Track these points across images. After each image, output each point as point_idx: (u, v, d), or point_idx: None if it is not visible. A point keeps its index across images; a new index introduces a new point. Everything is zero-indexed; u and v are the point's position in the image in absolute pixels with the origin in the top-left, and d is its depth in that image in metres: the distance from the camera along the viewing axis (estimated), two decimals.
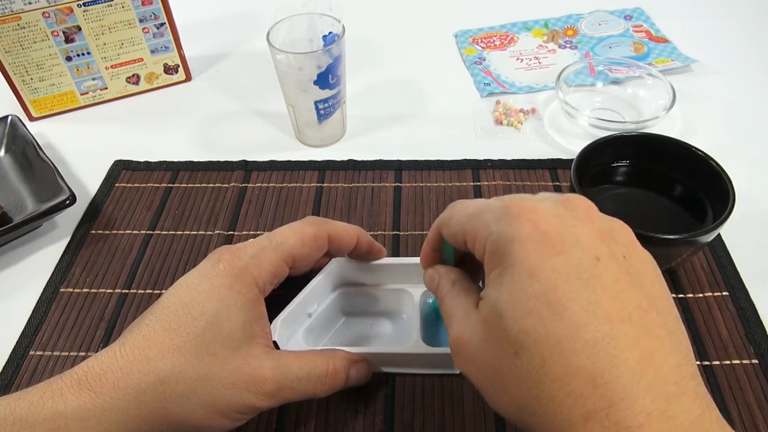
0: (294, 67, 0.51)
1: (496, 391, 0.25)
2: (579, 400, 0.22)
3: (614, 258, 0.24)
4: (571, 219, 0.25)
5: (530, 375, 0.23)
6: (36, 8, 0.56)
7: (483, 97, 0.63)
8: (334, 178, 0.54)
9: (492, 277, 0.25)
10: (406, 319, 0.42)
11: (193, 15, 0.77)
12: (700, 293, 0.43)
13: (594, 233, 0.25)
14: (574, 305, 0.23)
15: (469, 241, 0.28)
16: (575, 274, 0.23)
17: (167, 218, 0.51)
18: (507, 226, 0.25)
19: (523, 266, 0.24)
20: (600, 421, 0.21)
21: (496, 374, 0.24)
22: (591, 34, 0.72)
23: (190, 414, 0.30)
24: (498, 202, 0.27)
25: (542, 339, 0.22)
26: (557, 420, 0.22)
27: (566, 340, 0.22)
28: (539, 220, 0.24)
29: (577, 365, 0.22)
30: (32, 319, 0.44)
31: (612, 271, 0.24)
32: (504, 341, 0.24)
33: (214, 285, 0.33)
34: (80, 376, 0.30)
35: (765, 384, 0.38)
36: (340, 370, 0.34)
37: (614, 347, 0.22)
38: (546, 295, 0.23)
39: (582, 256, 0.24)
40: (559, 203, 0.26)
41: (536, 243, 0.24)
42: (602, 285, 0.23)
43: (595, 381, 0.22)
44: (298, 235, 0.35)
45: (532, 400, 0.23)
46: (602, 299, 0.23)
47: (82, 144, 0.60)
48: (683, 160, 0.45)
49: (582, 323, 0.22)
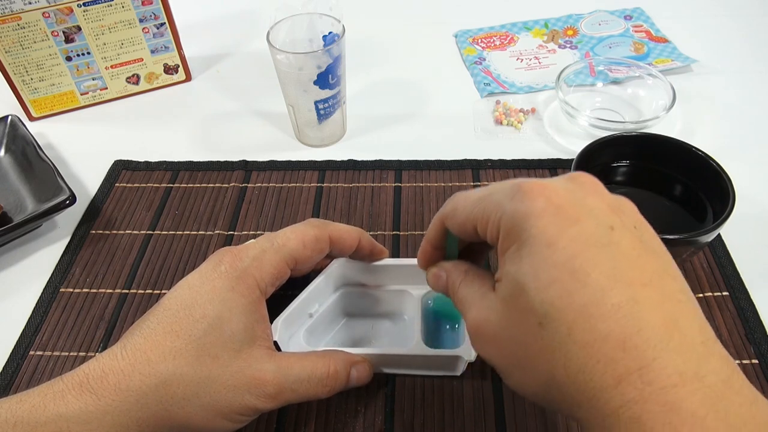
0: (294, 67, 0.51)
1: (521, 369, 0.25)
2: (609, 365, 0.21)
3: (626, 228, 0.24)
4: (581, 192, 0.25)
5: (557, 345, 0.23)
6: (36, 8, 0.56)
7: (483, 97, 0.63)
8: (334, 178, 0.54)
9: (509, 254, 0.25)
10: (407, 320, 0.42)
11: (193, 15, 0.77)
12: (700, 293, 0.43)
13: (604, 205, 0.25)
14: (595, 272, 0.23)
15: (480, 225, 0.27)
16: (593, 241, 0.23)
17: (167, 218, 0.51)
18: (520, 203, 0.25)
19: (542, 238, 0.24)
20: (632, 382, 0.21)
21: (519, 350, 0.24)
22: (591, 34, 0.72)
23: (192, 416, 0.30)
24: (507, 183, 0.27)
25: (567, 306, 0.22)
26: (587, 387, 0.22)
27: (591, 305, 0.22)
28: (551, 194, 0.25)
29: (604, 330, 0.22)
30: (32, 319, 0.44)
31: (627, 239, 0.24)
32: (527, 314, 0.24)
33: (215, 287, 0.33)
34: (81, 378, 0.30)
35: (765, 384, 0.38)
36: (341, 371, 0.34)
37: (640, 310, 0.22)
38: (567, 263, 0.23)
39: (597, 224, 0.24)
40: (567, 179, 0.26)
41: (552, 216, 0.24)
42: (620, 251, 0.23)
43: (624, 344, 0.21)
44: (300, 237, 0.35)
45: (560, 370, 0.23)
46: (622, 265, 0.23)
47: (82, 144, 0.60)
48: (683, 160, 0.45)
49: (606, 288, 0.22)
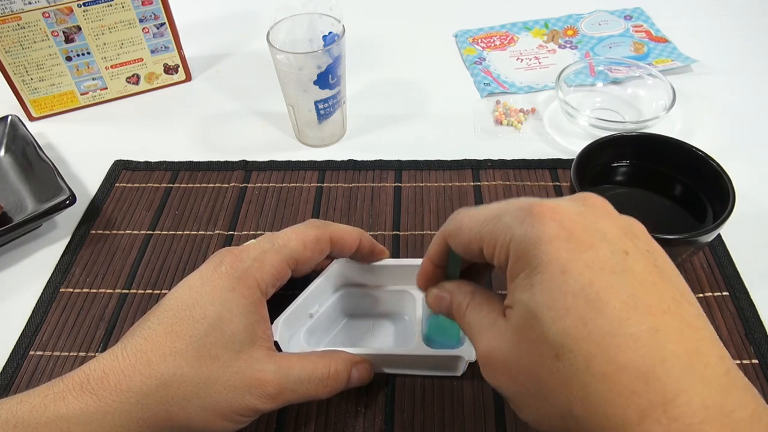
0: (294, 67, 0.51)
1: (535, 401, 0.24)
2: (632, 398, 0.20)
3: (640, 252, 0.24)
4: (592, 215, 0.25)
5: (575, 377, 0.21)
6: (36, 8, 0.56)
7: (483, 97, 0.63)
8: (334, 178, 0.54)
9: (519, 281, 0.24)
10: (407, 320, 0.42)
11: (193, 15, 0.77)
12: (700, 293, 0.43)
13: (617, 228, 0.24)
14: (613, 300, 0.22)
15: (486, 247, 0.26)
16: (608, 268, 0.23)
17: (167, 218, 0.51)
18: (531, 227, 0.24)
19: (555, 265, 0.23)
20: (657, 418, 0.20)
21: (534, 382, 0.23)
22: (591, 34, 0.72)
23: (192, 417, 0.30)
24: (516, 204, 0.26)
25: (584, 337, 0.21)
26: (609, 422, 0.21)
27: (610, 336, 0.21)
28: (563, 218, 0.24)
29: (624, 361, 0.21)
30: (32, 319, 0.44)
31: (642, 265, 0.23)
32: (542, 345, 0.23)
33: (216, 287, 0.33)
34: (82, 379, 0.30)
35: (765, 384, 0.38)
36: (342, 371, 0.34)
37: (660, 340, 0.21)
38: (583, 291, 0.22)
39: (612, 250, 0.23)
40: (577, 201, 0.26)
41: (564, 241, 0.23)
42: (636, 278, 0.23)
43: (646, 376, 0.20)
44: (301, 238, 0.35)
45: (578, 404, 0.21)
46: (639, 292, 0.22)
47: (82, 144, 0.60)
48: (683, 160, 0.45)
49: (624, 317, 0.21)
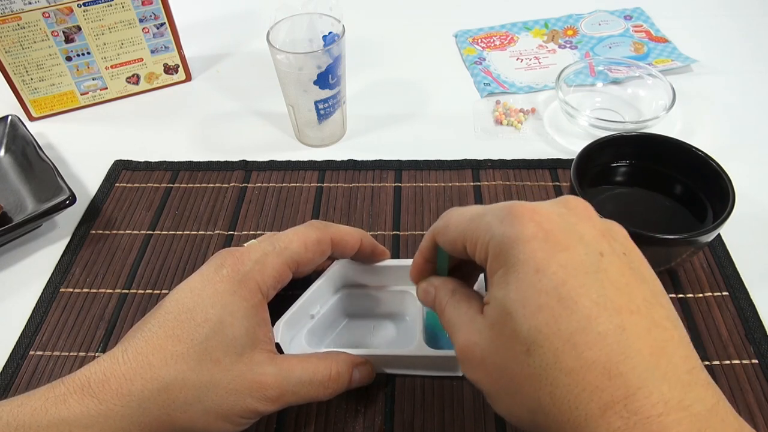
0: (294, 67, 0.51)
1: (508, 395, 0.25)
2: (595, 393, 0.21)
3: (616, 254, 0.24)
4: (572, 217, 0.25)
5: (544, 372, 0.23)
6: (36, 8, 0.56)
7: (483, 97, 0.63)
8: (334, 178, 0.54)
9: (496, 278, 0.25)
10: (408, 321, 0.42)
11: (193, 15, 0.77)
12: (700, 293, 0.43)
13: (595, 231, 0.25)
14: (583, 299, 0.23)
15: (469, 245, 0.27)
16: (582, 268, 0.23)
17: (167, 218, 0.51)
18: (510, 227, 0.25)
19: (530, 264, 0.24)
20: (618, 411, 0.21)
21: (507, 376, 0.24)
22: (591, 34, 0.72)
23: (194, 420, 0.31)
24: (498, 205, 0.27)
25: (554, 334, 0.22)
26: (573, 415, 0.22)
27: (578, 333, 0.22)
28: (542, 219, 0.25)
29: (590, 358, 0.22)
30: (32, 319, 0.44)
31: (616, 266, 0.24)
32: (514, 341, 0.24)
33: (217, 290, 0.33)
34: (83, 382, 0.30)
35: (765, 384, 0.38)
36: (343, 373, 0.35)
37: (626, 338, 0.22)
38: (555, 290, 0.23)
39: (587, 251, 0.24)
40: (558, 204, 0.26)
41: (541, 241, 0.24)
42: (609, 279, 0.23)
43: (610, 372, 0.21)
44: (302, 240, 0.35)
45: (546, 398, 0.23)
46: (610, 292, 0.23)
47: (82, 144, 0.60)
48: (683, 160, 0.45)
49: (593, 316, 0.22)
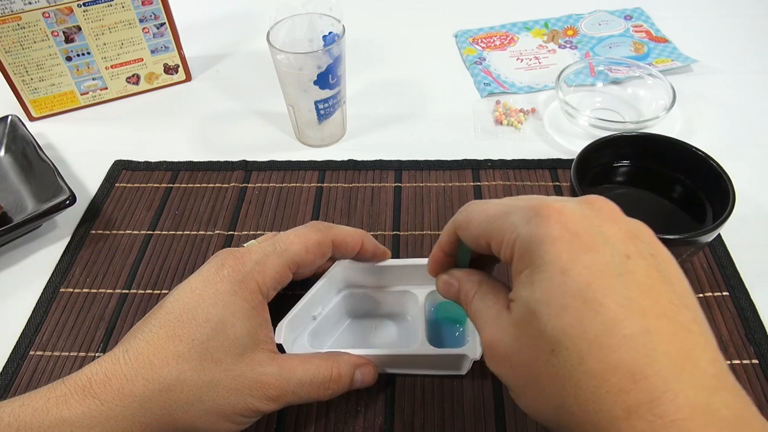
0: (294, 67, 0.51)
1: (532, 392, 0.25)
2: (620, 396, 0.21)
3: (642, 256, 0.24)
4: (597, 219, 0.25)
5: (568, 373, 0.22)
6: (36, 8, 0.56)
7: (483, 97, 0.63)
8: (334, 178, 0.54)
9: (522, 278, 0.25)
10: (410, 320, 0.42)
11: (193, 15, 0.77)
12: (700, 293, 0.43)
13: (621, 233, 0.25)
14: (609, 301, 0.22)
15: (493, 243, 0.27)
16: (608, 270, 0.23)
17: (167, 218, 0.51)
18: (536, 228, 0.25)
19: (556, 265, 0.24)
20: (642, 415, 0.21)
21: (531, 375, 0.24)
22: (591, 34, 0.72)
23: (195, 420, 0.31)
24: (523, 203, 0.26)
25: (579, 336, 0.22)
26: (597, 417, 0.22)
27: (603, 335, 0.22)
28: (568, 220, 0.25)
29: (615, 361, 0.22)
30: (32, 319, 0.44)
31: (642, 268, 0.24)
32: (539, 340, 0.23)
33: (218, 291, 0.33)
34: (84, 382, 0.30)
35: (765, 384, 0.38)
36: (345, 374, 0.35)
37: (652, 341, 0.22)
38: (581, 292, 0.23)
39: (612, 253, 0.24)
40: (584, 204, 0.26)
41: (567, 243, 0.24)
42: (635, 281, 0.23)
43: (635, 375, 0.21)
44: (303, 242, 0.35)
45: (570, 399, 0.22)
46: (636, 295, 0.23)
47: (82, 144, 0.60)
48: (683, 160, 0.45)
49: (618, 318, 0.22)
